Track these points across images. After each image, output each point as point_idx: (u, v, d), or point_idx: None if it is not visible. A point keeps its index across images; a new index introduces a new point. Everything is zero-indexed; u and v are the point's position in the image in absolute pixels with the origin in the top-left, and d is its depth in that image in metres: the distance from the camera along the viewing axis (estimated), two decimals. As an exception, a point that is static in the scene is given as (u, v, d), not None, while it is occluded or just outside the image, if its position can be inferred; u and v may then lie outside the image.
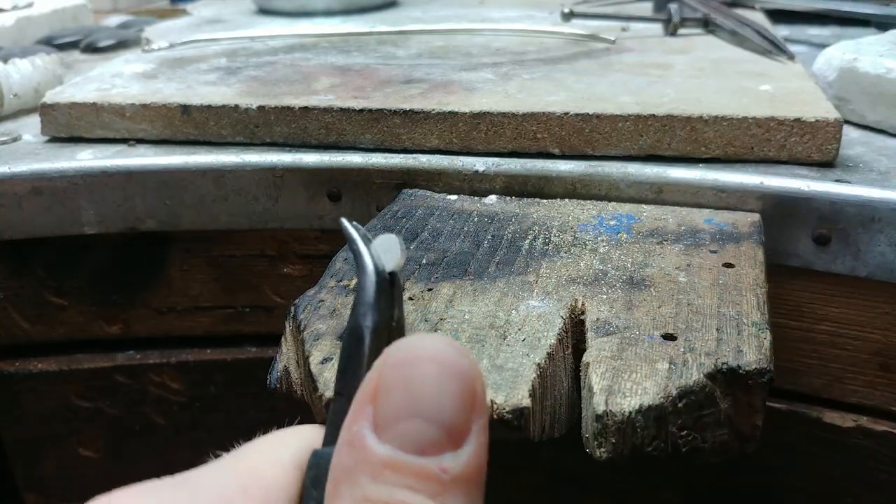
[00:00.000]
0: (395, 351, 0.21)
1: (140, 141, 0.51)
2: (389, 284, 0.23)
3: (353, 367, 0.23)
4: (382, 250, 0.24)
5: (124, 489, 0.22)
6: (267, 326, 0.52)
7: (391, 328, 0.24)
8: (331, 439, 0.23)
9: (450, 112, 0.47)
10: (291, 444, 0.25)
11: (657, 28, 0.69)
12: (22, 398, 0.53)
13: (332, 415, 0.24)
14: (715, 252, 0.39)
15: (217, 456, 0.24)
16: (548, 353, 0.30)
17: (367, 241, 0.24)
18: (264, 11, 0.89)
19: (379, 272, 0.23)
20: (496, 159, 0.46)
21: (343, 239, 0.36)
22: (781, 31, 0.75)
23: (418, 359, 0.21)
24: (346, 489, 0.20)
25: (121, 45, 0.77)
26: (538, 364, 0.29)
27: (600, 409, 0.28)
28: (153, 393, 0.53)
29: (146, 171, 0.48)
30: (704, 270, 0.37)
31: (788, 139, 0.45)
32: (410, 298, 0.35)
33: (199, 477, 0.23)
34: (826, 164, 0.45)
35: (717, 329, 0.32)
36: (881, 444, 0.44)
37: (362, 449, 0.20)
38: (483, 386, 0.21)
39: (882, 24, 0.71)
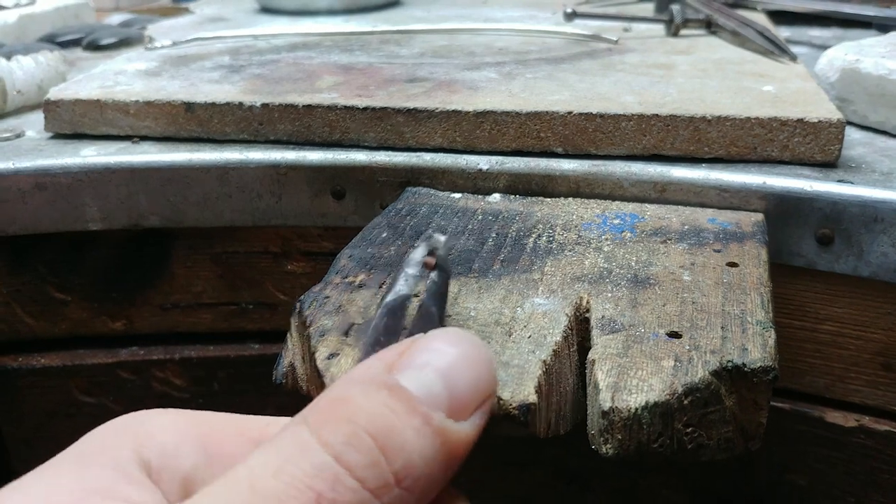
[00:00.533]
0: (441, 329, 0.23)
1: (144, 138, 0.51)
2: (417, 272, 0.27)
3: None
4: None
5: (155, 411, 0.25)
6: (270, 323, 0.52)
7: (405, 306, 0.26)
8: None
9: (453, 111, 0.47)
10: None
11: (659, 28, 0.70)
12: (25, 394, 0.53)
13: None
14: (719, 251, 0.39)
15: None
16: (553, 351, 0.30)
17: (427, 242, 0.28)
18: (267, 10, 0.89)
19: (412, 263, 0.26)
20: (500, 158, 0.47)
21: (346, 238, 0.37)
22: (783, 33, 0.75)
23: (462, 338, 0.22)
24: (338, 388, 0.21)
25: (123, 42, 0.78)
26: (544, 361, 0.29)
27: (606, 405, 0.28)
28: (156, 389, 0.53)
29: (150, 168, 0.48)
30: (708, 269, 0.37)
31: (791, 139, 0.45)
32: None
33: (238, 416, 0.26)
34: (829, 164, 0.45)
35: (721, 327, 0.32)
36: (883, 443, 0.44)
37: (370, 372, 0.22)
38: (493, 398, 0.23)
39: (883, 25, 0.71)
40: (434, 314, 0.25)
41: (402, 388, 0.21)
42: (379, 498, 0.19)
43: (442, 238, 0.27)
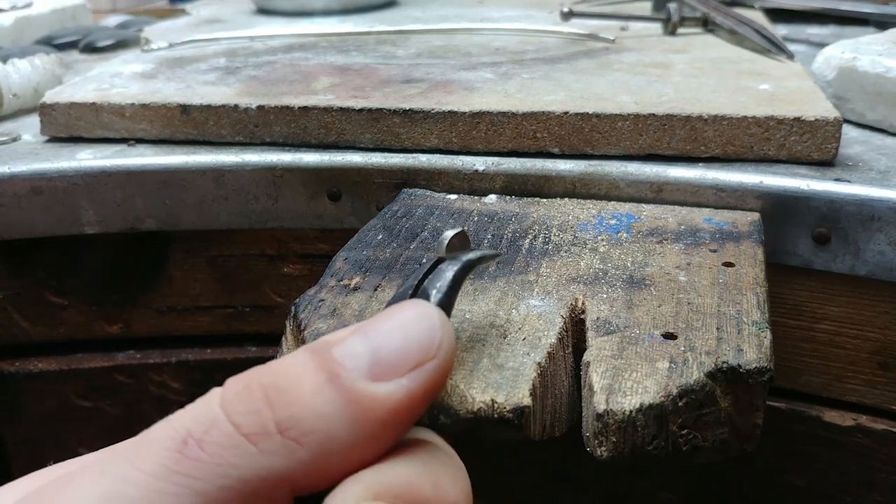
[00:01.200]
0: (405, 301, 0.23)
1: (140, 141, 0.51)
2: (428, 268, 0.26)
3: None
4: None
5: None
6: (267, 326, 0.52)
7: (406, 297, 0.26)
8: None
9: (449, 111, 0.47)
10: None
11: (656, 27, 0.69)
12: (22, 398, 0.53)
13: None
14: (715, 251, 0.39)
15: None
16: (548, 353, 0.30)
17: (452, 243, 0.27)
18: (263, 11, 0.89)
19: (427, 258, 0.27)
20: (496, 158, 0.47)
21: (342, 240, 0.36)
22: (780, 31, 0.75)
23: (407, 306, 0.23)
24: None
25: (120, 45, 0.77)
26: (539, 363, 0.29)
27: (601, 407, 0.28)
28: (154, 392, 0.53)
29: (146, 171, 0.48)
30: (704, 269, 0.37)
31: (788, 138, 0.45)
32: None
33: None
34: (825, 163, 0.45)
35: (717, 328, 0.32)
36: (880, 442, 0.44)
37: (314, 343, 0.22)
38: (436, 369, 0.22)
39: (880, 23, 0.71)
40: (430, 296, 0.25)
41: (322, 349, 0.21)
42: (255, 444, 0.20)
43: (451, 233, 0.26)
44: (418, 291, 0.26)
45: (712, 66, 0.56)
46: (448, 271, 0.26)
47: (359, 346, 0.21)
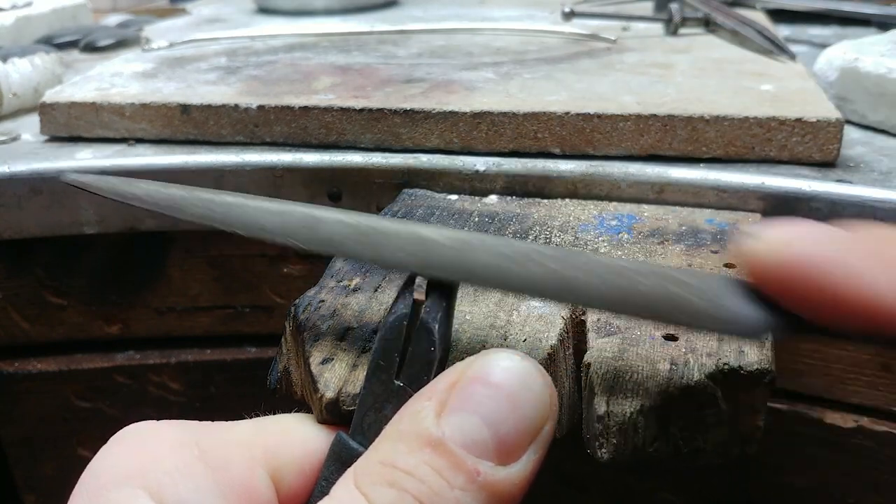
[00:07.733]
0: (491, 354, 0.23)
1: (139, 140, 0.51)
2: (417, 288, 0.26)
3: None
4: None
5: (155, 422, 0.26)
6: (267, 327, 0.52)
7: (403, 326, 0.26)
8: (358, 429, 0.25)
9: (450, 111, 0.47)
10: (316, 425, 0.27)
11: (658, 28, 0.69)
12: (21, 398, 0.53)
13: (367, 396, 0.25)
14: (716, 252, 0.38)
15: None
16: (549, 354, 0.30)
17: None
18: (264, 10, 0.89)
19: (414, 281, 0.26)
20: (497, 159, 0.46)
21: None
22: (782, 31, 0.75)
23: (508, 370, 0.22)
24: (385, 447, 0.22)
25: (120, 44, 0.77)
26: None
27: (601, 409, 0.28)
28: (153, 393, 0.53)
29: (146, 171, 0.48)
30: (706, 271, 0.37)
31: (790, 139, 0.44)
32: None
33: (233, 426, 0.26)
34: (827, 164, 0.44)
35: (718, 329, 0.32)
36: (882, 444, 0.44)
37: (418, 422, 0.22)
38: (552, 427, 0.23)
39: (883, 23, 0.71)
40: (434, 331, 0.25)
41: (444, 444, 0.21)
42: None
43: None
44: (420, 324, 0.25)
45: (714, 66, 0.56)
46: (444, 299, 0.25)
47: (479, 431, 0.21)
